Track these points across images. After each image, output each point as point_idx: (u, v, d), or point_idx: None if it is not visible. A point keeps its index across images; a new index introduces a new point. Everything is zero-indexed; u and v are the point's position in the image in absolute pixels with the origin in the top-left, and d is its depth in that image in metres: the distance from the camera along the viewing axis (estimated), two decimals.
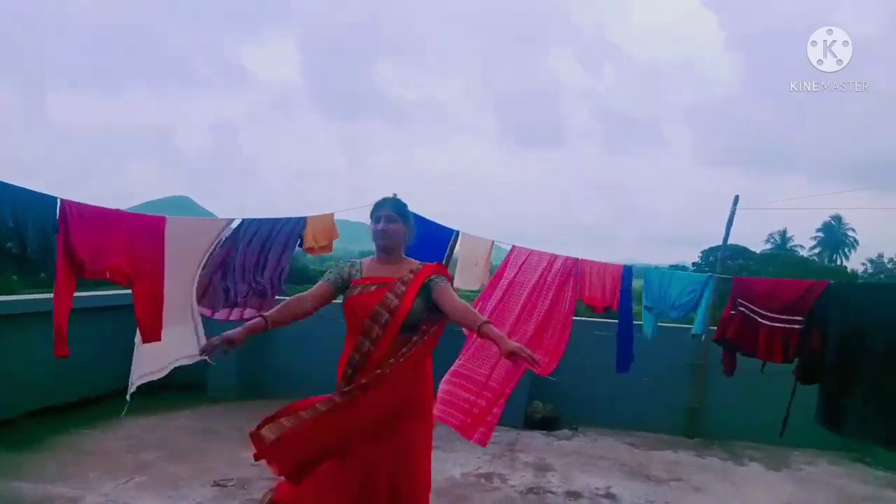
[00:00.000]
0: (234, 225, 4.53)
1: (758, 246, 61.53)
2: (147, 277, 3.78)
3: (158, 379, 6.49)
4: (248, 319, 3.04)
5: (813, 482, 4.78)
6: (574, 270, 4.96)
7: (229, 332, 2.54)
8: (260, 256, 4.64)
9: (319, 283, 2.82)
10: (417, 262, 2.85)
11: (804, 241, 73.02)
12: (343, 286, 2.77)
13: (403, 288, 2.63)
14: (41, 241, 3.25)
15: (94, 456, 4.38)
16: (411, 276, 2.68)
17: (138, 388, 6.32)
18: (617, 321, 5.14)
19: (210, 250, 4.24)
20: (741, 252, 48.24)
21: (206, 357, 2.66)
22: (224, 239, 4.43)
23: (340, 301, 2.79)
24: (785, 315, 4.04)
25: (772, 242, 69.04)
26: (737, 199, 5.56)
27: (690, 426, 5.84)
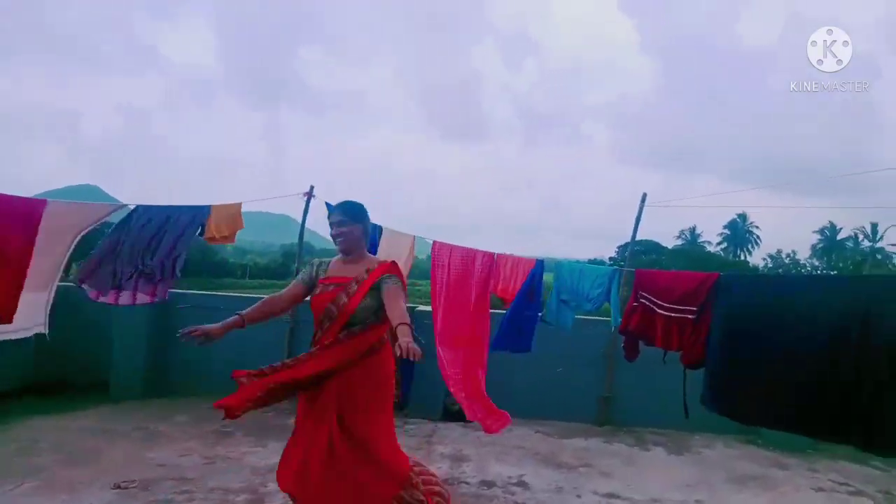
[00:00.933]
0: (129, 209, 4.51)
1: (670, 242, 64.84)
2: (11, 262, 3.59)
3: (59, 377, 6.16)
4: (140, 304, 3.17)
5: (709, 464, 5.08)
6: (491, 264, 5.12)
7: (207, 327, 2.75)
8: (152, 241, 4.63)
9: (293, 282, 3.05)
10: (378, 261, 3.04)
11: (712, 237, 77.65)
12: (312, 284, 3.01)
13: (355, 287, 2.89)
14: None
15: None
16: (366, 275, 2.92)
17: (35, 387, 5.97)
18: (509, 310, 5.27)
19: (83, 233, 4.18)
20: (654, 247, 50.59)
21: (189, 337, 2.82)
22: (116, 224, 4.41)
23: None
24: (680, 305, 4.26)
25: (683, 238, 72.91)
26: (644, 196, 5.80)
27: (601, 414, 6.08)
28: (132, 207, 4.69)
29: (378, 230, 5.61)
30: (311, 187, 5.87)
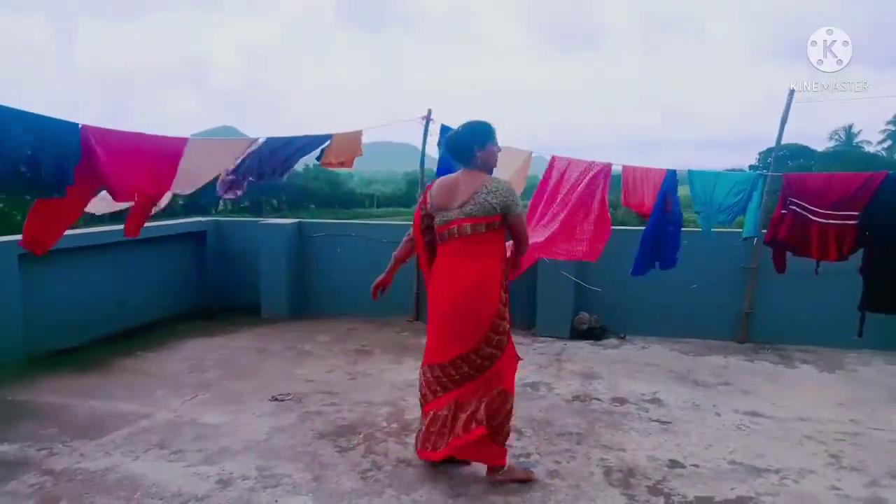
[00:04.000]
0: (259, 143, 4.88)
1: (820, 144, 58.41)
2: (158, 193, 3.98)
3: (218, 302, 6.88)
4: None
5: (866, 382, 4.69)
6: (608, 172, 4.92)
7: (380, 280, 3.20)
8: (273, 157, 5.08)
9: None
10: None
11: (872, 135, 68.66)
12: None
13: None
14: (57, 167, 3.40)
15: (160, 377, 4.66)
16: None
17: (197, 313, 6.69)
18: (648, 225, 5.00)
19: (230, 167, 4.83)
20: (801, 151, 45.94)
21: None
22: (247, 154, 4.80)
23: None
24: (839, 211, 3.85)
25: (836, 140, 65.28)
26: (792, 92, 5.19)
27: (741, 331, 5.77)
28: (262, 140, 4.97)
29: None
30: (429, 111, 5.85)
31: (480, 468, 3.09)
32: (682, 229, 4.89)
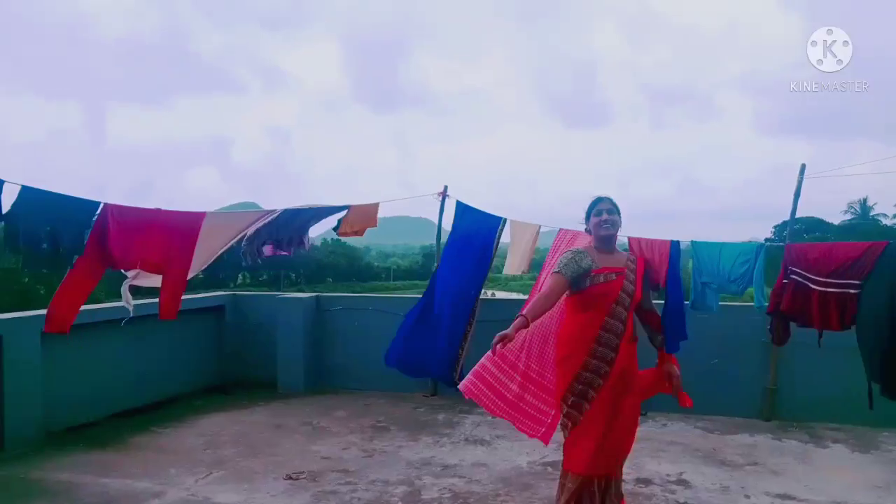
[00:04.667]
0: (277, 214, 5.06)
1: (836, 217, 58.36)
2: (176, 266, 4.06)
3: (235, 377, 6.86)
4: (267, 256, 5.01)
5: None
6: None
7: (504, 333, 2.74)
8: (289, 225, 5.32)
9: (554, 276, 3.03)
10: (627, 252, 3.31)
11: (888, 208, 68.51)
12: (579, 275, 3.01)
13: (633, 276, 3.13)
14: (74, 241, 3.58)
15: (174, 453, 4.60)
16: (633, 264, 3.16)
17: (213, 387, 6.66)
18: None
19: (237, 237, 5.03)
20: (817, 224, 45.89)
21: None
22: (264, 225, 5.07)
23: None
24: (839, 279, 3.82)
25: (851, 213, 65.23)
26: (803, 167, 5.26)
27: (766, 408, 5.60)
28: (279, 211, 5.12)
29: (502, 222, 5.59)
30: (445, 187, 6.01)
31: None
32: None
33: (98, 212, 3.73)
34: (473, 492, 3.86)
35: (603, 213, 3.11)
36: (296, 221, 5.42)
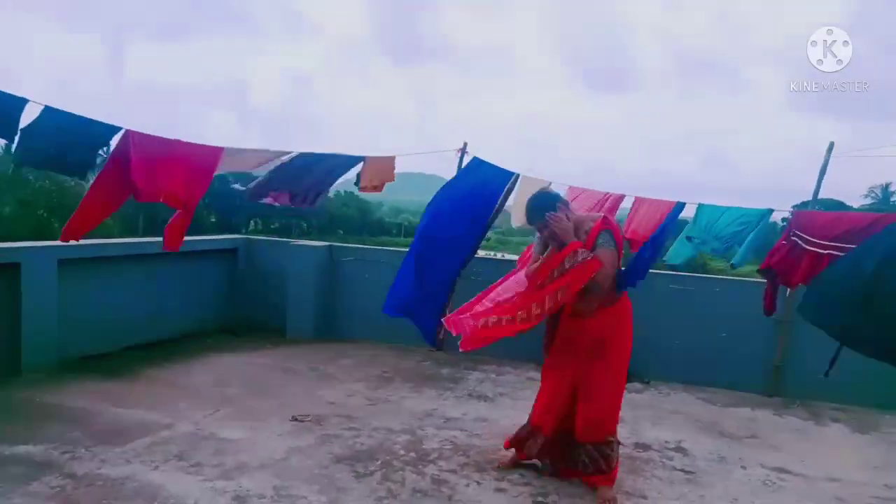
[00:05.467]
0: (292, 156, 5.02)
1: (856, 200, 57.43)
2: (194, 203, 4.09)
3: (245, 320, 6.96)
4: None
5: None
6: (617, 200, 5.01)
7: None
8: (303, 171, 5.20)
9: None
10: (590, 218, 3.38)
11: None
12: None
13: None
14: (85, 154, 3.70)
15: (184, 389, 4.71)
16: (584, 237, 3.25)
17: (223, 328, 6.76)
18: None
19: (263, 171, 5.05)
20: (836, 206, 45.13)
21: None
22: (279, 165, 5.01)
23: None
24: (838, 243, 3.81)
25: (872, 197, 64.09)
26: (831, 146, 5.14)
27: (771, 384, 5.62)
28: (296, 153, 5.09)
29: (514, 177, 5.49)
30: (465, 143, 5.92)
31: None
32: (711, 277, 4.87)
33: (119, 136, 3.77)
34: (474, 445, 3.93)
35: (540, 230, 3.34)
36: (313, 173, 5.35)
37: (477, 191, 5.22)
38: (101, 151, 3.89)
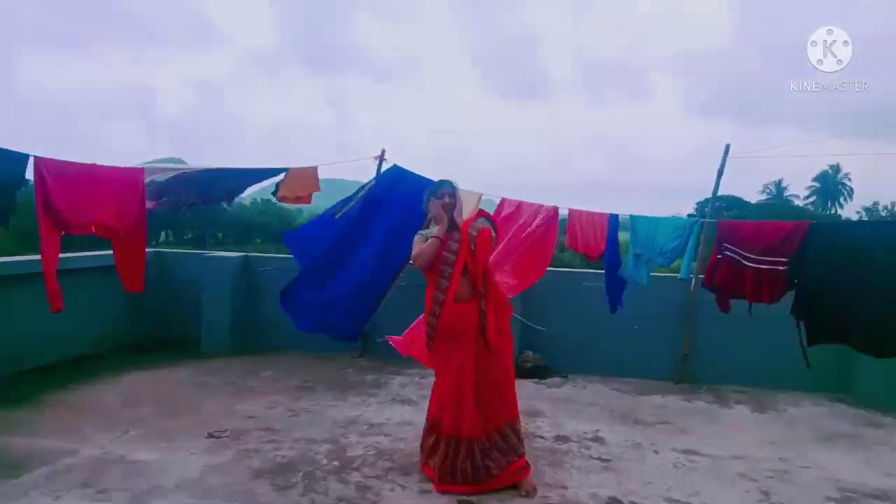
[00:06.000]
0: (212, 171, 4.80)
1: (753, 197, 61.58)
2: (133, 232, 3.80)
3: (156, 336, 6.60)
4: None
5: (796, 422, 4.88)
6: (554, 215, 5.13)
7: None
8: (221, 185, 4.90)
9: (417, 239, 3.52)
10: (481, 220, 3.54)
11: (800, 190, 73.00)
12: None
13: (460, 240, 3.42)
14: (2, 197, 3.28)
15: (90, 411, 4.44)
16: (475, 233, 3.40)
17: (133, 346, 6.40)
18: (604, 270, 5.26)
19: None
20: (735, 202, 48.28)
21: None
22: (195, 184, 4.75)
23: None
24: (769, 257, 4.10)
25: (767, 193, 69.03)
26: (727, 148, 5.51)
27: (679, 372, 5.93)
28: (215, 169, 4.91)
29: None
30: (383, 150, 5.91)
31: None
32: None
33: (30, 167, 3.40)
34: (398, 449, 3.92)
35: (445, 196, 3.47)
36: (230, 182, 5.16)
37: (406, 201, 5.23)
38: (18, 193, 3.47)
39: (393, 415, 4.63)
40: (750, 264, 4.33)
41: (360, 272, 5.02)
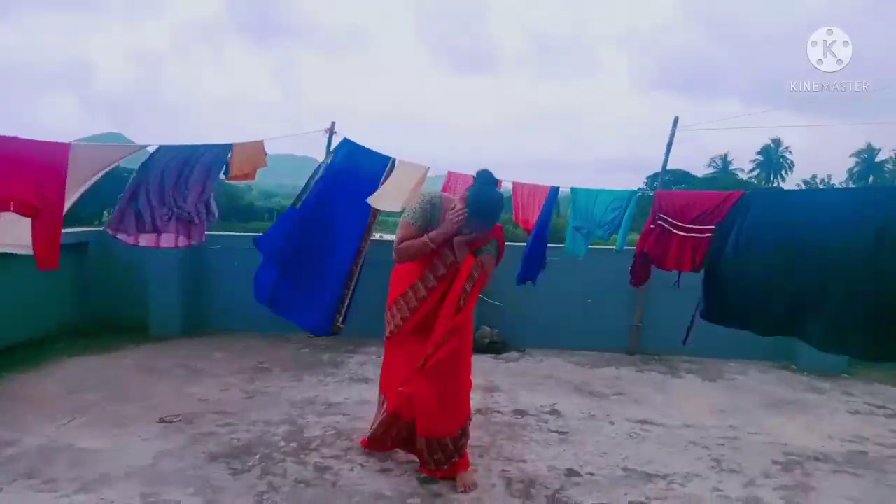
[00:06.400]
0: (150, 150, 4.45)
1: (700, 170, 63.33)
2: (51, 209, 3.59)
3: (101, 320, 6.34)
4: (182, 247, 3.29)
5: (743, 390, 5.08)
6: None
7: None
8: (179, 182, 4.54)
9: (407, 226, 3.13)
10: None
11: (744, 164, 75.43)
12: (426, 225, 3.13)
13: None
14: None
15: (30, 399, 4.24)
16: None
17: (76, 331, 6.15)
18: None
19: (104, 172, 4.11)
20: (684, 176, 49.56)
21: None
22: (139, 167, 4.36)
23: None
24: (698, 225, 4.17)
25: (714, 167, 71.04)
26: (676, 119, 5.58)
27: (632, 344, 6.08)
28: (155, 148, 4.66)
29: (391, 162, 5.47)
30: (333, 123, 5.76)
31: (388, 487, 3.05)
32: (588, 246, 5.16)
33: None
34: (357, 428, 3.89)
35: (480, 234, 3.13)
36: (184, 175, 4.78)
37: (358, 178, 5.11)
38: None
39: (351, 394, 4.59)
40: (678, 232, 4.37)
41: (322, 257, 4.91)
